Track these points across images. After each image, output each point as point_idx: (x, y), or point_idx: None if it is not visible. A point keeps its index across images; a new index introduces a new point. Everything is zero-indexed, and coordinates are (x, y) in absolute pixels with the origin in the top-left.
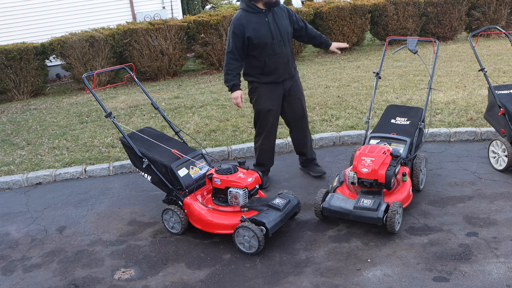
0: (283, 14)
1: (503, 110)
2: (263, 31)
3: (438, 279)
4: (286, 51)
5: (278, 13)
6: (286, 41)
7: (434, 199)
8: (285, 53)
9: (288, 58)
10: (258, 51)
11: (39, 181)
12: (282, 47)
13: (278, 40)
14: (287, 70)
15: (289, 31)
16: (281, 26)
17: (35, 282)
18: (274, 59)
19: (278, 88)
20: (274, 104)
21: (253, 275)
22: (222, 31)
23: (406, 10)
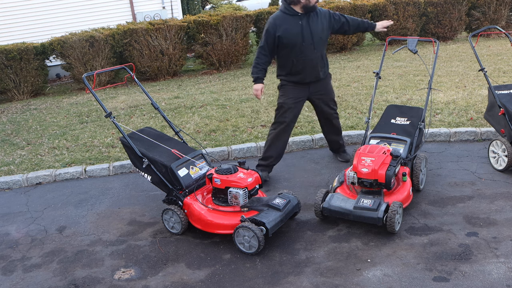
0: (321, 19)
1: (503, 110)
2: (294, 32)
3: (438, 279)
4: (316, 55)
5: (315, 18)
6: (317, 46)
7: (434, 199)
8: (313, 57)
9: (317, 62)
10: (287, 51)
11: (39, 181)
12: (311, 51)
13: (308, 43)
14: (314, 74)
15: (323, 36)
16: (314, 31)
17: (35, 282)
18: (302, 60)
19: (303, 90)
20: (296, 102)
21: (253, 275)
22: (222, 31)
23: (406, 10)
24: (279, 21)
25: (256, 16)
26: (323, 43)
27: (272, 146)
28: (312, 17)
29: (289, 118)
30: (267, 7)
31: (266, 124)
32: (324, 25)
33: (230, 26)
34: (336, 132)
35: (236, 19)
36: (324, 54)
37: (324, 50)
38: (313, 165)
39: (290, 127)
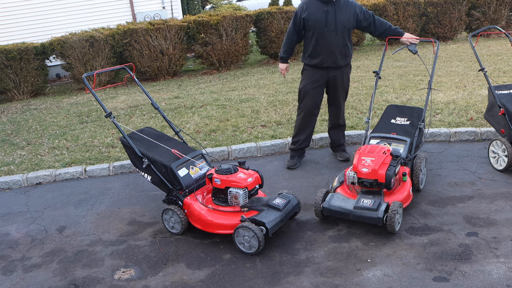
0: (349, 9)
1: (503, 110)
2: (318, 17)
3: (438, 279)
4: (337, 42)
5: (343, 7)
6: (340, 33)
7: (434, 199)
8: (334, 43)
9: (337, 48)
10: (310, 33)
11: (39, 181)
12: (333, 37)
13: (331, 29)
14: (332, 59)
15: (347, 25)
16: (338, 18)
17: (35, 282)
18: (322, 44)
19: (322, 74)
20: (314, 88)
21: (253, 275)
22: (222, 31)
23: (406, 10)
24: (306, 5)
25: (256, 16)
26: (346, 32)
27: (299, 132)
28: (340, 6)
29: (309, 105)
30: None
31: (266, 124)
32: (350, 16)
33: (230, 26)
34: (340, 129)
35: (236, 19)
36: (348, 43)
37: (348, 40)
38: (313, 165)
39: (312, 113)
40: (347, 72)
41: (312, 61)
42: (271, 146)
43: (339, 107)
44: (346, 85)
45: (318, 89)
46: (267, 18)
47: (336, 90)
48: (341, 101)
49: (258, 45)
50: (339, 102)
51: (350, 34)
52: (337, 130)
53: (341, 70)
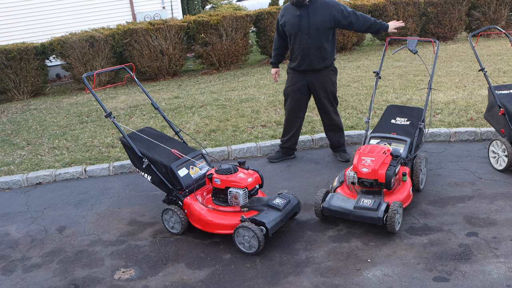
0: (323, 11)
1: (503, 110)
2: (292, 21)
3: (438, 279)
4: (310, 45)
5: (317, 9)
6: (313, 36)
7: (434, 199)
8: (307, 46)
9: (311, 51)
10: (289, 38)
11: (39, 181)
12: (306, 40)
13: (304, 33)
14: (307, 62)
15: (322, 27)
16: (312, 22)
17: (35, 282)
18: (298, 48)
19: (301, 77)
20: (295, 91)
21: (253, 275)
22: (222, 31)
23: (406, 10)
24: (284, 11)
25: (256, 16)
26: (321, 34)
27: (284, 132)
28: (315, 8)
29: (291, 107)
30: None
31: (266, 124)
32: (325, 17)
33: (230, 26)
34: (336, 130)
35: (236, 19)
36: (324, 46)
37: (325, 42)
38: (313, 165)
39: (295, 115)
40: (328, 75)
41: (291, 65)
42: (271, 146)
43: (326, 110)
44: (329, 89)
45: (299, 92)
46: (267, 18)
47: (317, 93)
48: (325, 104)
49: (258, 45)
50: (324, 105)
51: (328, 36)
52: (333, 132)
53: (320, 73)
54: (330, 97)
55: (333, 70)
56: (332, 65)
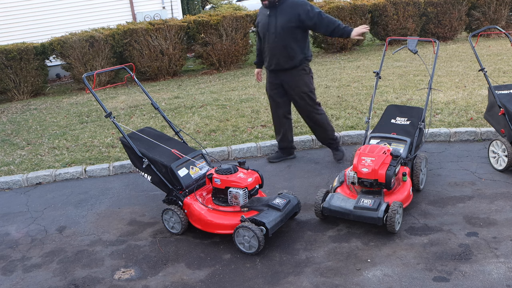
0: (290, 10)
1: (503, 110)
2: (263, 22)
3: (438, 279)
4: (276, 44)
5: (285, 9)
6: (279, 36)
7: (434, 199)
8: (274, 46)
9: (278, 51)
10: (262, 38)
11: (39, 181)
12: (273, 40)
13: (271, 32)
14: (275, 61)
15: (287, 27)
16: (279, 22)
17: (35, 282)
18: (267, 48)
19: (275, 77)
20: (272, 90)
21: (253, 275)
22: (222, 31)
23: (406, 10)
24: (259, 12)
25: (256, 16)
26: (286, 34)
27: (275, 132)
28: (283, 8)
29: (273, 107)
30: None
31: (266, 124)
32: (291, 17)
33: (230, 26)
34: (319, 128)
35: (236, 19)
36: (292, 45)
37: (290, 41)
38: (313, 165)
39: (279, 115)
40: (298, 74)
41: (265, 64)
42: (271, 146)
43: (301, 110)
44: (301, 88)
45: (276, 91)
46: None
47: (289, 93)
48: (299, 103)
49: None
50: (298, 104)
51: (295, 35)
52: (316, 131)
53: (289, 73)
54: (304, 97)
55: (304, 70)
56: (302, 65)
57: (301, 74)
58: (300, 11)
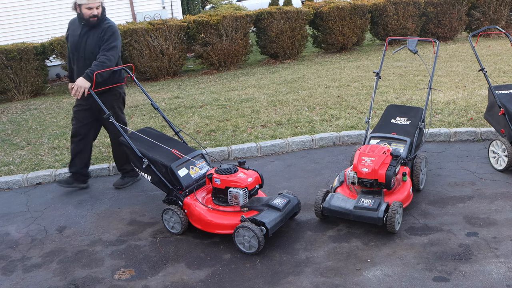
0: (97, 34)
1: (503, 110)
2: (72, 40)
3: (438, 279)
4: (85, 68)
5: (96, 31)
6: (89, 60)
7: (434, 199)
8: (83, 69)
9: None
10: (70, 56)
11: (39, 181)
12: (83, 64)
13: (81, 55)
14: None
15: (95, 51)
16: (88, 45)
17: (35, 282)
18: (75, 70)
19: (84, 99)
20: (78, 111)
21: (253, 275)
22: (222, 31)
23: (406, 10)
24: (70, 24)
25: (256, 16)
26: (95, 58)
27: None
28: (94, 31)
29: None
30: (267, 7)
31: (266, 124)
32: (97, 42)
33: (230, 26)
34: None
35: (236, 19)
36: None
37: None
38: (313, 165)
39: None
40: (107, 99)
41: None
42: (271, 146)
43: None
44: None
45: (81, 112)
46: (267, 18)
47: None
48: (109, 128)
49: (258, 45)
50: (108, 129)
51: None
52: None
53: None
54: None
55: (115, 95)
56: (113, 90)
57: (111, 99)
58: (102, 35)
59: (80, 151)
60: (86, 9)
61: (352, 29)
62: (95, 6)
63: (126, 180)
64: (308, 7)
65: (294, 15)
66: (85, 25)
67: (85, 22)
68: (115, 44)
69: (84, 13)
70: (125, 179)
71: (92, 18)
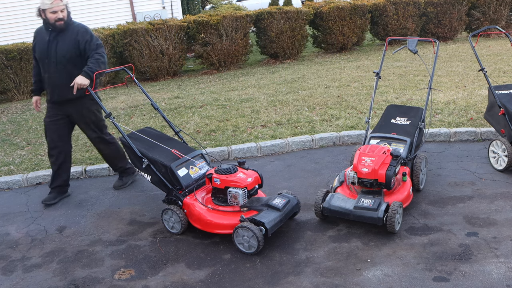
0: (70, 38)
1: (503, 110)
2: (41, 47)
3: (438, 279)
4: (58, 74)
5: (67, 35)
6: (60, 64)
7: (434, 199)
8: (55, 75)
9: (59, 81)
10: (40, 65)
11: (39, 181)
12: (53, 68)
13: (52, 60)
14: (57, 93)
15: (68, 55)
16: (59, 49)
17: (35, 282)
18: (47, 77)
19: (58, 109)
20: (52, 121)
21: (253, 275)
22: (222, 31)
23: (406, 10)
24: (36, 33)
25: (256, 16)
26: (69, 63)
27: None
28: (65, 33)
29: (49, 139)
30: (267, 7)
31: (266, 124)
32: (70, 45)
33: (230, 26)
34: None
35: (236, 19)
36: (74, 74)
37: (74, 70)
38: (313, 165)
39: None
40: (85, 104)
41: (47, 96)
42: (271, 146)
43: (91, 139)
44: (88, 119)
45: (58, 123)
46: (267, 18)
47: (78, 123)
48: (88, 133)
49: (258, 45)
50: (88, 134)
51: (78, 64)
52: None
53: (74, 104)
54: (92, 127)
55: (92, 100)
56: (89, 95)
57: (88, 104)
58: (80, 38)
59: (63, 161)
60: (50, 13)
61: (352, 29)
62: (59, 9)
63: (125, 180)
64: (308, 7)
65: (294, 15)
66: (53, 31)
67: (52, 28)
68: (99, 42)
69: (49, 18)
70: (124, 178)
71: (58, 22)
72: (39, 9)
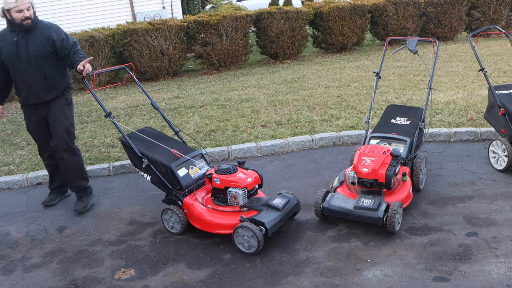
0: (43, 35)
1: (503, 110)
2: (9, 49)
3: (438, 279)
4: (33, 75)
5: (37, 34)
6: (34, 65)
7: (434, 199)
8: (30, 77)
9: (36, 82)
10: (10, 69)
11: (39, 181)
12: (27, 70)
13: (23, 62)
14: (33, 95)
15: (42, 54)
16: (30, 49)
17: (35, 282)
18: (19, 80)
19: (35, 113)
20: (33, 127)
21: (253, 275)
22: (222, 31)
23: (406, 10)
24: (1, 37)
25: (256, 16)
26: (43, 62)
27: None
28: (35, 33)
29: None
30: (267, 7)
31: (266, 124)
32: (43, 43)
33: (230, 26)
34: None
35: (236, 19)
36: (51, 74)
37: (49, 69)
38: (313, 165)
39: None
40: (60, 105)
41: (21, 100)
42: (271, 146)
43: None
44: (64, 121)
45: (38, 127)
46: (267, 18)
47: (51, 128)
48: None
49: (258, 45)
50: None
51: (53, 63)
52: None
53: (49, 105)
54: (63, 134)
55: (66, 100)
56: (64, 95)
57: (64, 104)
58: (55, 36)
59: (56, 163)
60: (16, 12)
61: (352, 29)
62: (25, 8)
63: (85, 200)
64: (308, 7)
65: (294, 15)
66: (20, 31)
67: (18, 28)
68: (75, 40)
69: (15, 18)
70: (84, 199)
71: (25, 21)
72: (3, 9)
